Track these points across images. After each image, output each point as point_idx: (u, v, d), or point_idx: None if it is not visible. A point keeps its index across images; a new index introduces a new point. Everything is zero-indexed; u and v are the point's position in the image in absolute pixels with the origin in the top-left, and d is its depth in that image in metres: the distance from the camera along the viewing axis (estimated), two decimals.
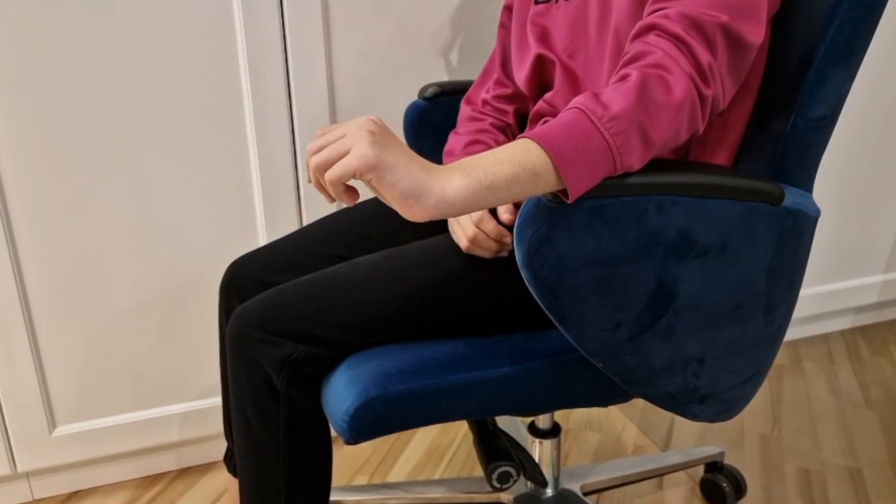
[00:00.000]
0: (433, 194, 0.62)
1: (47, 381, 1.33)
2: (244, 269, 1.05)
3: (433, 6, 1.38)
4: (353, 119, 0.66)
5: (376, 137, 0.63)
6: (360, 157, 0.62)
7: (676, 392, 0.81)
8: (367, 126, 0.64)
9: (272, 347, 0.82)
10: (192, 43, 1.24)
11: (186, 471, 1.50)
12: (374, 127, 0.64)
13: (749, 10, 0.74)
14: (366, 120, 0.65)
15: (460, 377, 0.80)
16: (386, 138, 0.64)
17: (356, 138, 0.63)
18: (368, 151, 0.62)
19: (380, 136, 0.64)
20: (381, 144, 0.63)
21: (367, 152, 0.62)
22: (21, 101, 1.18)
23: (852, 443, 1.52)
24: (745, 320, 0.80)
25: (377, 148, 0.62)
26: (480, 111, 1.11)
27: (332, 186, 0.64)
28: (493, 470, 0.94)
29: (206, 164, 1.31)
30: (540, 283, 0.70)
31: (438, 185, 0.62)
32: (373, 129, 0.64)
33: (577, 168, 0.64)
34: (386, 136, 0.64)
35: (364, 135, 0.63)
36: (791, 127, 0.79)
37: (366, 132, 0.63)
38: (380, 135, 0.64)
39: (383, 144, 0.63)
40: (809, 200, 0.80)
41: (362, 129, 0.64)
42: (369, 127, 0.64)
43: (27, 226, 1.24)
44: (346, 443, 0.77)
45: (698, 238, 0.72)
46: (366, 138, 0.63)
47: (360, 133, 0.63)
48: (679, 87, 0.68)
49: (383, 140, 0.64)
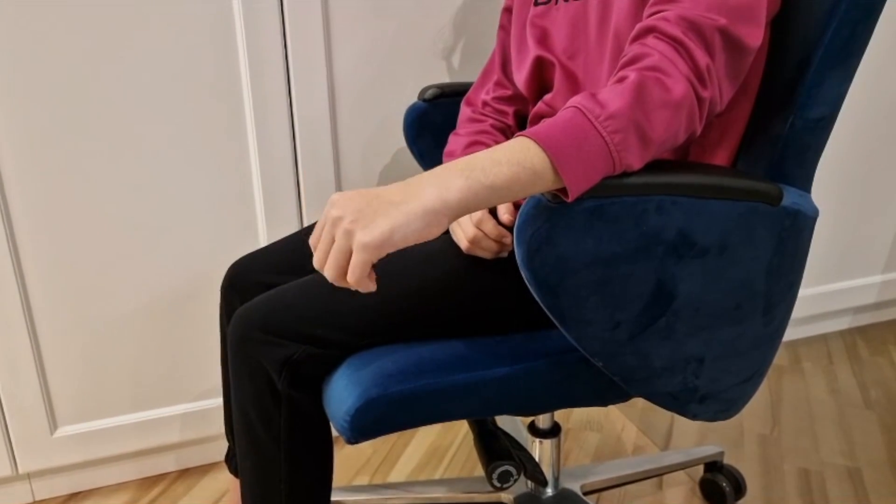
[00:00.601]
0: (438, 211, 0.62)
1: (48, 382, 1.33)
2: (245, 271, 1.05)
3: (433, 8, 1.39)
4: (323, 216, 0.65)
5: (356, 217, 0.62)
6: (364, 249, 0.61)
7: (676, 392, 0.82)
8: (340, 215, 0.63)
9: (273, 348, 0.82)
10: (193, 45, 1.24)
11: (187, 472, 1.50)
12: (344, 209, 0.63)
13: (748, 13, 0.74)
14: (334, 210, 0.63)
15: (461, 377, 0.80)
16: (363, 210, 0.62)
17: (344, 233, 0.62)
18: (366, 239, 0.61)
19: (356, 213, 0.62)
20: (365, 219, 0.62)
21: (366, 241, 0.61)
22: (22, 103, 1.18)
23: (851, 443, 1.52)
24: (745, 320, 0.80)
25: (367, 228, 0.61)
26: (480, 112, 1.11)
27: (360, 286, 0.64)
28: (494, 469, 0.94)
29: (206, 166, 1.31)
30: (540, 283, 0.70)
31: (436, 194, 0.62)
32: (345, 213, 0.62)
33: (575, 166, 0.64)
34: (361, 208, 0.62)
35: (346, 226, 0.62)
36: (790, 128, 0.80)
37: (346, 223, 0.62)
38: (355, 211, 0.62)
39: (366, 217, 0.62)
40: (808, 201, 0.81)
41: (340, 222, 0.63)
42: (341, 213, 0.62)
43: (29, 227, 1.24)
44: (348, 442, 0.78)
45: (698, 238, 0.73)
46: (350, 227, 0.62)
47: (341, 226, 0.62)
48: (677, 88, 0.68)
49: (362, 212, 0.62)
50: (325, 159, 1.37)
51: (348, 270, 0.63)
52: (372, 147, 1.42)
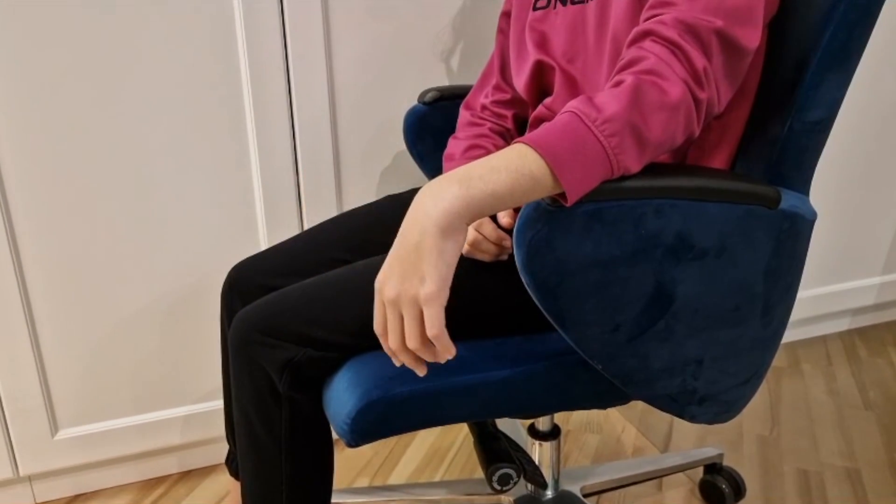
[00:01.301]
0: (451, 223, 0.63)
1: (49, 384, 1.34)
2: (246, 273, 1.06)
3: (433, 11, 1.39)
4: (378, 305, 0.67)
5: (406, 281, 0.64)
6: (432, 300, 0.63)
7: (675, 393, 0.82)
8: (395, 293, 0.65)
9: (274, 350, 0.82)
10: (194, 48, 1.25)
11: (188, 473, 1.50)
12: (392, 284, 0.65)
13: (745, 15, 0.74)
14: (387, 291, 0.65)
15: (461, 379, 0.81)
16: (404, 272, 0.64)
17: (409, 302, 0.64)
18: (428, 290, 0.63)
19: (403, 279, 0.64)
20: (415, 278, 0.64)
21: (429, 291, 0.63)
22: (23, 105, 1.19)
23: (851, 444, 1.53)
24: (743, 322, 0.80)
25: (424, 282, 0.63)
26: (479, 116, 1.12)
27: (442, 342, 0.65)
28: (494, 472, 0.94)
29: (207, 169, 1.32)
30: (539, 285, 0.71)
31: (440, 208, 0.63)
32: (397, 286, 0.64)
33: (573, 171, 0.65)
34: (400, 271, 0.64)
35: (407, 294, 0.64)
36: (788, 130, 0.80)
37: (404, 292, 0.64)
38: (401, 279, 0.64)
39: (412, 274, 0.64)
40: (806, 203, 0.81)
41: (399, 297, 0.64)
42: (394, 290, 0.64)
43: (30, 229, 1.24)
44: (348, 445, 0.78)
45: (696, 241, 0.73)
46: (411, 293, 0.64)
47: (404, 298, 0.64)
48: (673, 90, 0.69)
49: (406, 274, 0.64)
50: (325, 162, 1.38)
51: (427, 327, 0.64)
52: (372, 149, 1.43)
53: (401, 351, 0.67)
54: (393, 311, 0.66)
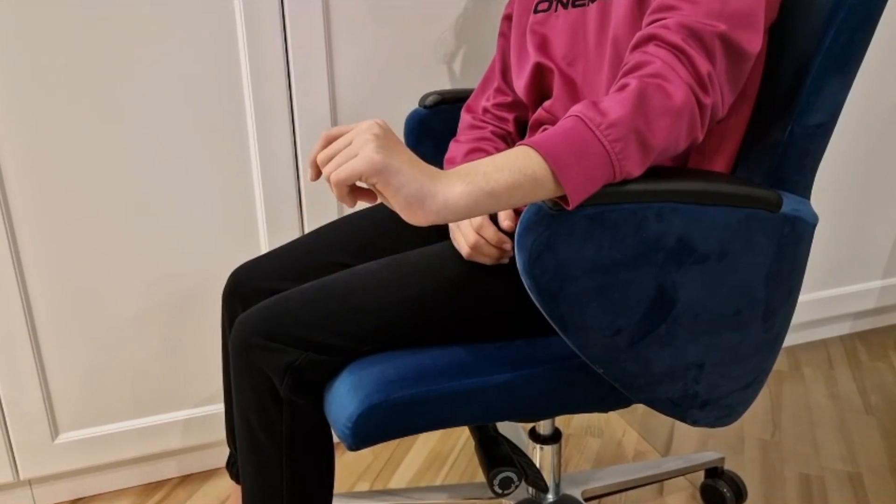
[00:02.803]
0: (436, 200, 0.63)
1: (50, 388, 1.33)
2: (247, 277, 1.06)
3: (434, 15, 1.39)
4: (359, 123, 0.68)
5: (382, 141, 0.64)
6: (366, 161, 0.63)
7: (677, 398, 0.82)
8: (372, 129, 0.65)
9: (275, 354, 0.82)
10: (195, 52, 1.25)
11: (188, 478, 1.50)
12: (379, 130, 0.65)
13: (747, 19, 0.75)
14: (371, 123, 0.66)
15: (462, 383, 0.80)
16: (391, 142, 0.65)
17: (363, 141, 0.64)
18: (375, 156, 0.63)
19: (385, 140, 0.65)
20: (387, 148, 0.64)
21: (373, 156, 0.63)
22: (24, 109, 1.19)
23: (852, 448, 1.52)
24: (745, 326, 0.80)
25: (384, 152, 0.63)
26: (481, 119, 1.12)
27: (337, 188, 0.65)
28: (495, 475, 0.94)
29: (208, 173, 1.32)
30: (541, 289, 0.71)
31: (441, 191, 0.63)
32: (378, 133, 0.65)
33: (575, 175, 0.65)
34: (391, 141, 0.65)
35: (370, 138, 0.64)
36: (789, 134, 0.80)
37: (371, 136, 0.64)
38: (385, 138, 0.65)
39: (389, 149, 0.64)
40: (807, 207, 0.81)
41: (368, 132, 0.65)
42: (375, 130, 0.65)
43: (31, 234, 1.24)
44: (349, 449, 0.78)
45: (698, 245, 0.73)
46: (372, 142, 0.64)
47: (367, 136, 0.64)
48: (678, 95, 0.69)
49: (389, 144, 0.65)
50: None
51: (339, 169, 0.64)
52: None
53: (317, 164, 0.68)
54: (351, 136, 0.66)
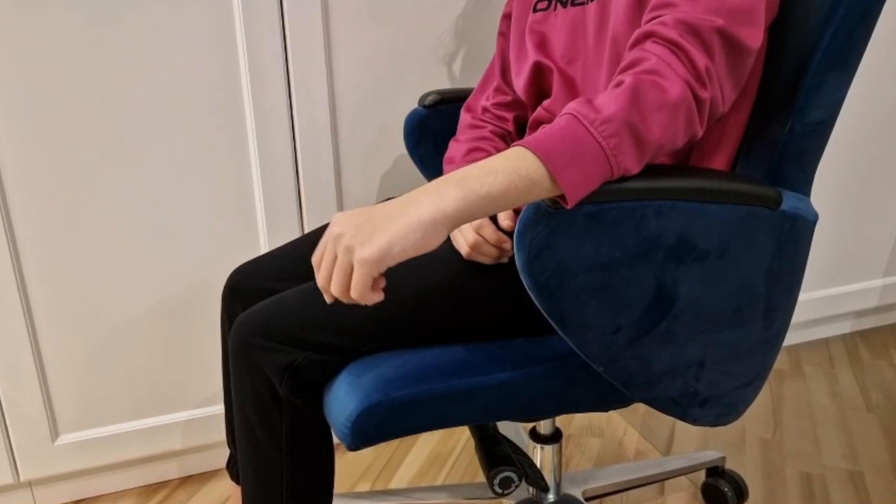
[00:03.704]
0: (436, 220, 0.63)
1: (50, 390, 1.33)
2: (246, 277, 1.06)
3: (434, 14, 1.39)
4: (325, 235, 0.66)
5: (357, 234, 0.63)
6: (364, 264, 0.62)
7: (677, 396, 0.82)
8: (343, 233, 0.64)
9: (274, 354, 0.82)
10: (194, 53, 1.25)
11: (189, 479, 1.50)
12: (345, 226, 0.64)
13: (747, 14, 0.74)
14: (335, 227, 0.65)
15: (462, 382, 0.80)
16: (362, 223, 0.64)
17: (344, 250, 0.64)
18: (366, 254, 0.62)
19: (357, 229, 0.64)
20: (364, 235, 0.63)
21: (366, 256, 0.62)
22: (23, 112, 1.19)
23: (853, 446, 1.52)
24: (745, 324, 0.80)
25: (366, 244, 0.62)
26: (480, 118, 1.11)
27: (364, 300, 0.65)
28: (495, 475, 0.94)
29: (208, 173, 1.31)
30: (540, 288, 0.71)
31: (435, 204, 0.63)
32: (346, 230, 0.64)
33: (572, 173, 0.64)
34: (360, 221, 0.64)
35: (348, 243, 0.63)
36: (789, 131, 0.80)
37: (347, 239, 0.64)
38: (356, 228, 0.64)
39: (365, 232, 0.63)
40: (807, 204, 0.81)
41: (341, 239, 0.64)
42: (342, 230, 0.64)
43: (31, 235, 1.24)
44: (349, 449, 0.78)
45: (697, 242, 0.73)
46: (350, 243, 0.63)
47: (344, 243, 0.64)
48: (674, 89, 0.68)
49: (363, 228, 0.64)
50: (325, 166, 1.37)
51: (351, 287, 0.64)
52: (373, 153, 1.43)
53: (325, 287, 0.67)
54: (331, 249, 0.65)
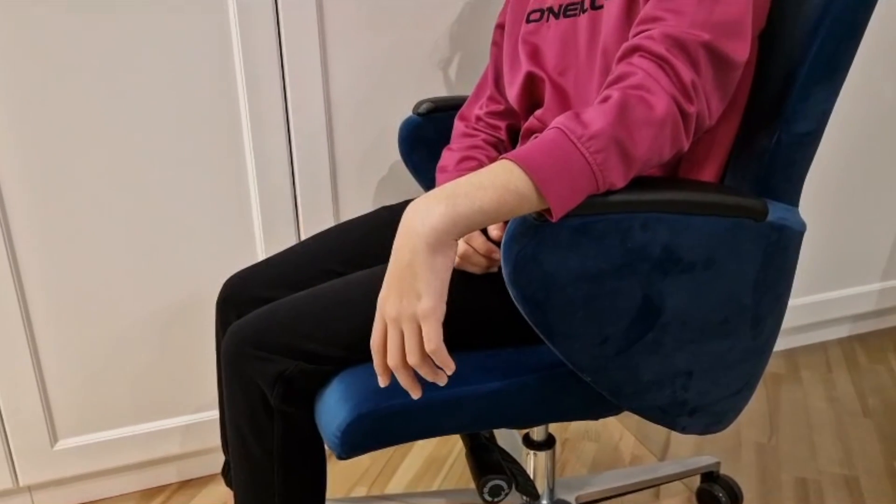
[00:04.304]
0: (440, 240, 0.65)
1: (49, 395, 1.34)
2: (240, 285, 1.06)
3: (429, 22, 1.40)
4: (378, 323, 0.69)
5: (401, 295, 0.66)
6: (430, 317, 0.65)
7: (665, 405, 0.82)
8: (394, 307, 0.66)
9: (266, 363, 0.83)
10: (190, 61, 1.26)
11: (187, 483, 1.51)
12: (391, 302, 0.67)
13: (733, 28, 0.75)
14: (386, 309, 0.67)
15: (451, 392, 0.81)
16: (400, 286, 0.66)
17: (409, 318, 0.66)
18: (425, 305, 0.65)
19: (399, 292, 0.66)
20: (410, 291, 0.66)
21: (426, 305, 0.65)
22: (20, 120, 1.19)
23: (849, 451, 1.52)
24: (733, 334, 0.81)
25: (419, 298, 0.65)
26: (474, 127, 1.12)
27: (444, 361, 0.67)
28: (485, 483, 0.94)
29: (204, 181, 1.32)
30: (527, 299, 0.71)
31: (428, 225, 0.64)
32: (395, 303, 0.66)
33: (558, 188, 0.65)
34: (397, 286, 0.66)
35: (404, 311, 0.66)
36: (776, 143, 0.80)
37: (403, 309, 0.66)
38: (397, 292, 0.66)
39: (406, 288, 0.66)
40: (795, 215, 0.81)
41: (399, 314, 0.66)
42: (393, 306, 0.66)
43: (29, 242, 1.25)
44: (339, 458, 0.78)
45: (683, 254, 0.73)
46: (409, 309, 0.65)
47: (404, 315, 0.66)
48: (660, 105, 0.69)
49: (402, 288, 0.66)
50: (321, 173, 1.38)
51: (425, 342, 0.66)
52: (369, 161, 1.43)
53: (399, 368, 0.68)
54: (394, 329, 0.67)
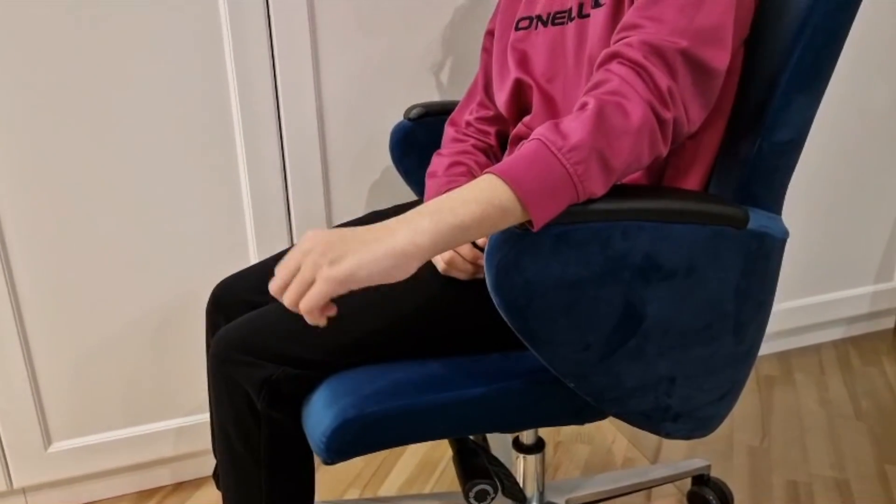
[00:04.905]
0: (407, 253, 0.63)
1: (42, 398, 1.35)
2: (230, 290, 1.07)
3: (421, 27, 1.40)
4: (294, 248, 0.66)
5: (324, 251, 0.63)
6: (329, 281, 0.62)
7: (649, 410, 0.83)
8: (310, 249, 0.64)
9: (253, 368, 0.84)
10: (182, 65, 1.26)
11: (181, 485, 1.52)
12: (315, 243, 0.64)
13: (712, 35, 0.75)
14: (305, 242, 0.65)
15: (437, 397, 0.82)
16: (332, 244, 0.64)
17: (311, 264, 0.63)
18: (333, 273, 0.62)
19: (325, 247, 0.64)
20: (334, 254, 0.63)
21: (332, 275, 0.62)
22: (14, 125, 1.20)
23: (841, 454, 1.53)
24: (715, 340, 0.81)
25: (333, 261, 0.63)
26: (464, 132, 1.13)
27: (310, 316, 0.65)
28: (471, 488, 0.95)
29: (197, 186, 1.33)
30: (509, 306, 0.72)
31: (408, 237, 0.64)
32: (315, 247, 0.64)
33: (540, 200, 0.66)
34: (330, 243, 0.64)
35: (314, 259, 0.64)
36: (757, 150, 0.81)
37: (314, 255, 0.64)
38: (328, 247, 0.64)
39: (334, 252, 0.63)
40: (776, 222, 0.82)
41: (308, 254, 0.64)
42: (312, 246, 0.64)
43: (21, 247, 1.26)
44: (325, 463, 0.79)
45: (664, 261, 0.74)
46: (317, 261, 0.63)
47: (310, 259, 0.64)
48: (636, 112, 0.70)
49: (331, 248, 0.64)
50: (314, 177, 1.39)
51: (304, 299, 0.64)
52: (361, 165, 1.44)
53: (291, 306, 0.66)
54: (296, 259, 0.65)
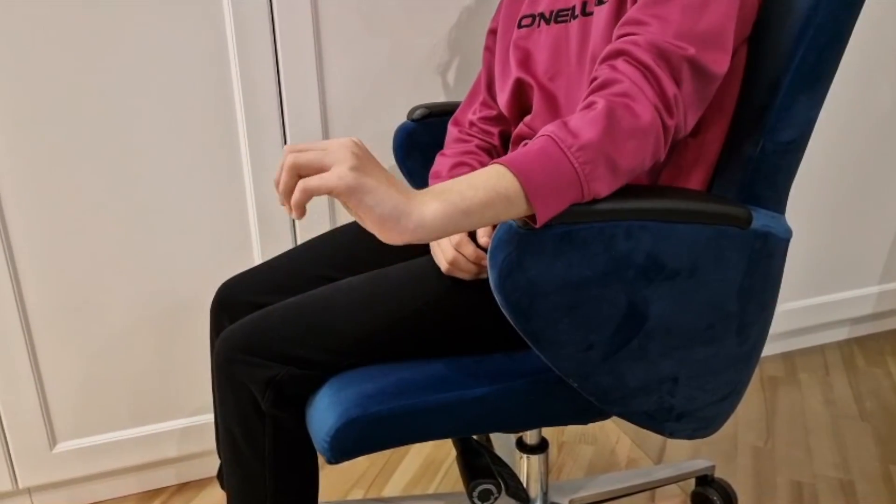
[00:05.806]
0: (411, 219, 0.63)
1: (47, 398, 1.36)
2: (234, 291, 1.07)
3: (425, 28, 1.40)
4: (337, 138, 0.66)
5: (358, 160, 0.63)
6: (341, 177, 0.62)
7: (652, 410, 0.83)
8: (350, 147, 0.64)
9: (257, 369, 0.84)
10: (187, 66, 1.27)
11: (186, 485, 1.52)
12: (356, 149, 0.64)
13: (715, 39, 0.76)
14: (349, 141, 0.65)
15: (440, 397, 0.82)
16: (367, 161, 0.64)
17: (339, 157, 0.63)
18: (349, 173, 0.62)
19: (361, 160, 0.63)
20: (362, 168, 0.63)
21: (347, 174, 0.62)
22: (21, 125, 1.21)
23: (845, 455, 1.53)
24: (718, 340, 0.81)
25: (358, 171, 0.62)
26: (467, 133, 1.13)
27: (301, 193, 0.63)
28: (474, 488, 0.95)
29: (201, 186, 1.33)
30: (512, 306, 0.72)
31: (416, 209, 0.63)
32: (356, 152, 0.64)
33: (546, 194, 0.66)
34: (367, 159, 0.64)
35: (347, 155, 0.63)
36: (760, 151, 0.81)
37: (349, 153, 0.63)
38: (361, 157, 0.64)
39: (364, 168, 0.63)
40: (780, 222, 0.82)
41: (345, 149, 0.64)
42: (352, 149, 0.64)
43: (27, 247, 1.27)
44: (329, 462, 0.79)
45: (667, 261, 0.74)
46: (348, 160, 0.63)
47: (343, 153, 0.63)
48: (645, 116, 0.70)
49: (364, 163, 0.63)
50: None
51: (300, 183, 0.63)
52: None
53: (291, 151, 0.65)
54: (321, 147, 0.64)
